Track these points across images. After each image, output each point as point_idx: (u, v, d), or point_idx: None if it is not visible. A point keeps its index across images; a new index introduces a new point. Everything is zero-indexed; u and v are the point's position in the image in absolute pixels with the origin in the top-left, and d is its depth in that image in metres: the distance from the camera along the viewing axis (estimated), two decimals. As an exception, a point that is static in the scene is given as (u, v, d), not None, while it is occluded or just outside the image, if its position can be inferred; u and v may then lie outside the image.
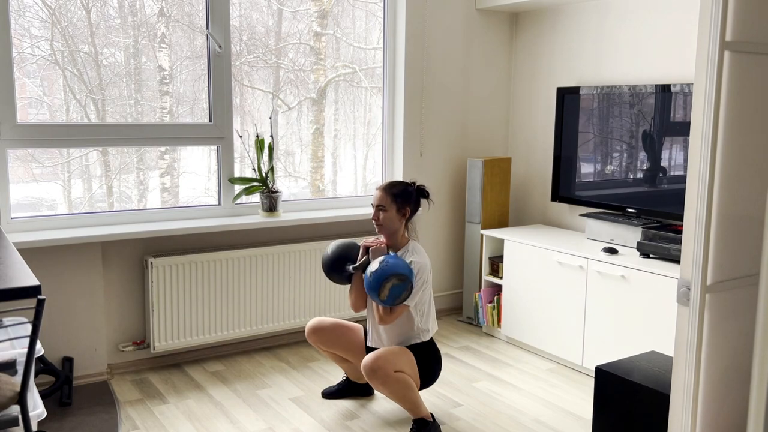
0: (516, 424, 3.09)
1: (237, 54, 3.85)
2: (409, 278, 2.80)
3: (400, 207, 2.99)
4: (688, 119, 3.49)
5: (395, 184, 3.03)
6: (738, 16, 1.93)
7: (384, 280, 2.76)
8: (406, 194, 3.01)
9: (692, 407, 2.01)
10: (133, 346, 3.61)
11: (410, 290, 2.82)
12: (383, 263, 2.80)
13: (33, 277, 2.06)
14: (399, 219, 2.99)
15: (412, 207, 3.03)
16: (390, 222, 2.98)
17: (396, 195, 2.99)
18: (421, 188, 3.07)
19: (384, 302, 2.81)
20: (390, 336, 3.00)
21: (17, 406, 2.14)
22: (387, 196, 2.98)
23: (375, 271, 2.79)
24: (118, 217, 3.55)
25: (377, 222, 3.00)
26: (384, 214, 2.98)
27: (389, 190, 3.00)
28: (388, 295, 2.79)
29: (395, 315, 2.89)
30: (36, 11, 3.30)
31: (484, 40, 4.51)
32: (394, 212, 2.98)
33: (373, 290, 2.79)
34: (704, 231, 1.93)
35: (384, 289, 2.77)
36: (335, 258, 3.10)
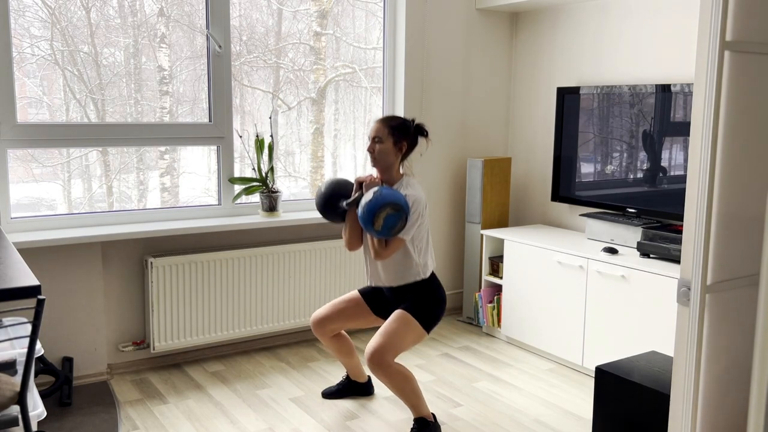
0: (516, 424, 3.09)
1: (237, 54, 3.85)
2: (403, 208, 2.73)
3: (397, 141, 2.90)
4: (688, 119, 3.49)
5: (394, 117, 2.94)
6: (738, 16, 1.93)
7: (378, 210, 2.69)
8: (404, 128, 2.92)
9: (692, 407, 2.01)
10: (133, 346, 3.61)
11: (405, 221, 2.75)
12: (377, 193, 2.72)
13: (33, 277, 2.06)
14: (395, 153, 2.91)
15: (409, 142, 2.93)
16: (385, 155, 2.90)
17: (394, 128, 2.90)
18: (419, 125, 2.97)
19: (379, 233, 2.74)
20: (389, 273, 2.95)
21: (17, 406, 2.14)
22: (384, 128, 2.89)
23: (369, 201, 2.71)
24: (118, 217, 3.55)
25: (372, 155, 2.91)
26: (380, 146, 2.89)
27: (387, 123, 2.91)
28: (383, 225, 2.71)
29: (391, 249, 2.83)
30: (36, 11, 3.30)
31: (484, 40, 4.51)
32: (390, 145, 2.89)
33: (368, 221, 2.71)
34: (704, 231, 1.93)
35: (378, 219, 2.70)
36: (329, 195, 3.00)
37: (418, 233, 2.91)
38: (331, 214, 3.04)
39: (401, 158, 2.96)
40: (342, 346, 3.21)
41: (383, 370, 2.79)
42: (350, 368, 3.30)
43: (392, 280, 2.97)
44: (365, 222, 2.73)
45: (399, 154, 2.93)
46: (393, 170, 2.95)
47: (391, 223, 2.72)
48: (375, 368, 2.79)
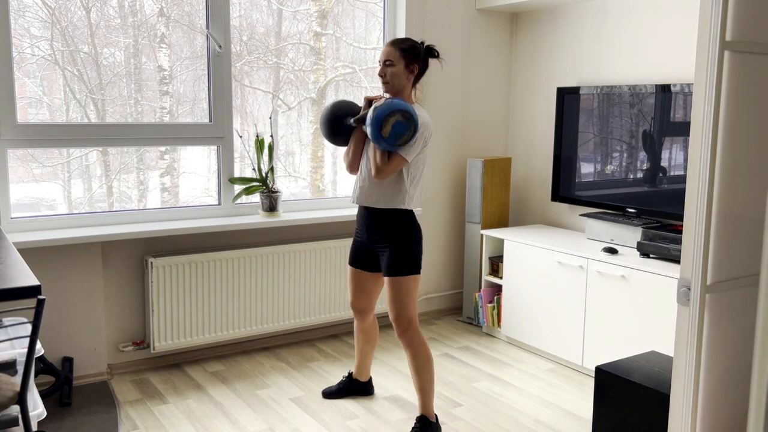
0: (516, 424, 3.09)
1: (237, 54, 3.85)
2: (413, 118, 2.70)
3: (409, 63, 2.86)
4: (688, 119, 3.49)
5: (405, 40, 2.90)
6: (738, 16, 1.93)
7: (388, 115, 2.66)
8: (415, 51, 2.88)
9: (692, 407, 2.01)
10: (133, 346, 3.61)
11: (413, 131, 2.72)
12: (388, 100, 2.70)
13: (33, 277, 2.06)
14: (407, 76, 2.87)
15: (420, 65, 2.90)
16: (397, 78, 2.86)
17: (405, 50, 2.85)
18: (430, 47, 2.93)
19: (386, 141, 2.70)
20: (377, 194, 2.90)
21: (17, 406, 2.14)
22: (395, 51, 2.85)
23: (380, 105, 2.68)
24: (118, 217, 3.55)
25: (384, 78, 2.89)
26: (392, 69, 2.85)
27: (398, 45, 2.86)
28: (391, 132, 2.68)
29: (392, 166, 2.80)
30: (36, 11, 3.30)
31: (484, 40, 4.51)
32: (402, 68, 2.85)
33: (376, 126, 2.67)
34: (704, 231, 1.93)
35: (387, 125, 2.67)
36: (336, 112, 2.97)
37: (416, 161, 2.88)
38: (337, 134, 2.98)
39: (413, 82, 2.94)
40: (369, 334, 3.27)
41: (410, 337, 2.89)
42: (361, 359, 3.31)
43: (379, 200, 2.91)
44: (374, 127, 2.69)
45: (410, 76, 2.90)
46: (404, 94, 2.92)
47: (400, 130, 2.69)
48: (403, 334, 2.89)
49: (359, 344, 3.28)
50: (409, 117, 2.69)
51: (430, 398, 2.94)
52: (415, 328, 2.91)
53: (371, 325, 3.25)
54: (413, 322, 2.91)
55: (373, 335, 3.27)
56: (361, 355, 3.30)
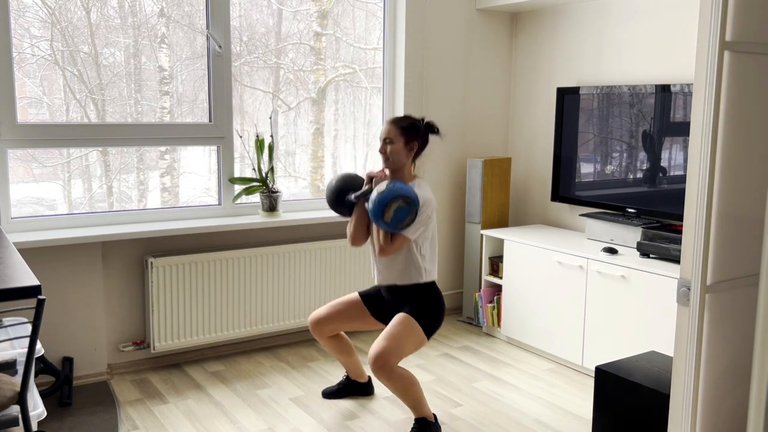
0: (516, 424, 3.09)
1: (237, 54, 3.85)
2: (415, 202, 2.74)
3: (408, 141, 2.93)
4: (688, 119, 3.49)
5: (404, 118, 2.98)
6: (738, 16, 1.93)
7: (390, 201, 2.71)
8: (415, 128, 2.95)
9: (692, 407, 2.01)
10: (133, 346, 3.61)
11: (414, 215, 2.77)
12: (390, 184, 2.75)
13: (33, 277, 2.06)
14: (406, 153, 2.94)
15: (420, 142, 2.96)
16: (397, 156, 2.92)
17: (404, 128, 2.93)
18: (430, 123, 3.00)
19: (388, 225, 2.75)
20: (392, 271, 2.96)
21: (17, 406, 2.14)
22: (395, 129, 2.92)
23: (382, 191, 2.73)
24: (118, 217, 3.55)
25: (384, 155, 2.94)
26: (391, 147, 2.92)
27: (398, 123, 2.94)
28: (392, 218, 2.72)
29: (395, 245, 2.85)
30: (36, 11, 3.30)
31: (484, 40, 4.51)
32: (401, 146, 2.92)
33: (378, 211, 2.72)
34: (704, 231, 1.93)
35: (389, 211, 2.71)
36: (339, 188, 3.03)
37: (424, 236, 2.93)
38: (340, 206, 3.06)
39: (413, 158, 2.99)
40: (341, 346, 3.21)
41: (386, 374, 2.79)
42: (350, 368, 3.30)
43: (395, 278, 2.98)
44: (376, 212, 2.74)
45: (410, 154, 2.96)
46: (405, 171, 2.97)
47: (401, 216, 2.74)
48: (378, 372, 2.79)
49: (336, 356, 3.25)
50: (411, 202, 2.75)
51: (422, 405, 2.90)
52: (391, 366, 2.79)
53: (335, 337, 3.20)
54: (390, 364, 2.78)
55: (344, 344, 3.23)
56: (345, 364, 3.30)
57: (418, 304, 2.95)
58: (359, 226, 3.01)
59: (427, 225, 2.91)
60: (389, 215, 2.73)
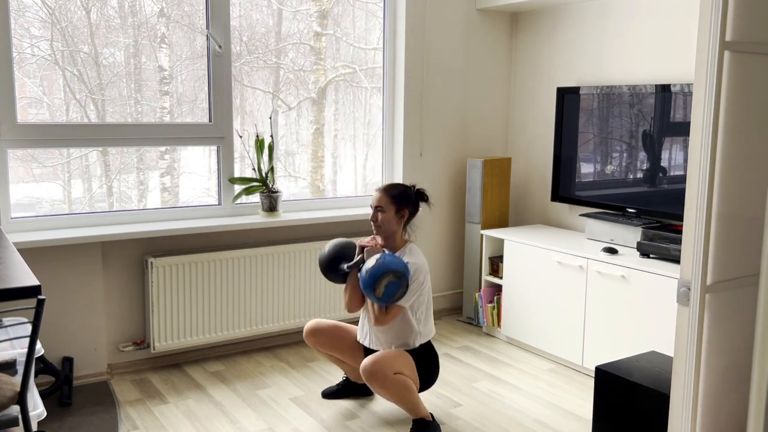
0: (516, 424, 3.09)
1: (237, 54, 3.85)
2: (405, 275, 2.79)
3: (399, 209, 2.99)
4: (688, 119, 3.49)
5: (395, 186, 3.04)
6: (738, 16, 1.93)
7: (380, 277, 2.75)
8: (405, 196, 3.01)
9: (692, 407, 2.01)
10: (133, 346, 3.61)
11: (406, 288, 2.81)
12: (380, 260, 2.79)
13: (33, 277, 2.06)
14: (397, 221, 3.00)
15: (410, 209, 3.03)
16: (388, 223, 2.98)
17: (395, 197, 2.99)
18: (420, 191, 3.07)
19: (380, 300, 2.79)
20: (387, 338, 3.00)
21: (17, 406, 2.14)
22: (386, 197, 2.99)
23: (371, 267, 2.77)
24: (118, 217, 3.55)
25: (375, 223, 3.00)
26: (382, 215, 2.98)
27: (388, 192, 3.00)
28: (384, 293, 2.77)
29: (390, 316, 2.89)
30: (36, 11, 3.30)
31: (484, 40, 4.51)
32: (392, 214, 2.98)
33: (369, 287, 2.77)
34: (704, 231, 1.93)
35: (380, 286, 2.75)
36: (332, 257, 3.09)
37: (418, 301, 2.96)
38: (333, 274, 3.10)
39: (404, 225, 3.04)
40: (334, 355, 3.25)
41: (380, 381, 2.80)
42: (348, 371, 3.31)
43: (390, 345, 3.00)
44: (367, 287, 2.79)
45: (401, 221, 3.01)
46: (396, 237, 3.02)
47: (393, 290, 2.78)
48: (371, 379, 2.80)
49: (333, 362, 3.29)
50: (401, 275, 2.78)
51: (419, 406, 2.91)
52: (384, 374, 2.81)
53: None
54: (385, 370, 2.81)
55: None
56: (344, 367, 3.31)
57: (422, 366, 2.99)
58: (354, 295, 3.05)
59: (420, 291, 2.95)
60: (380, 290, 2.77)
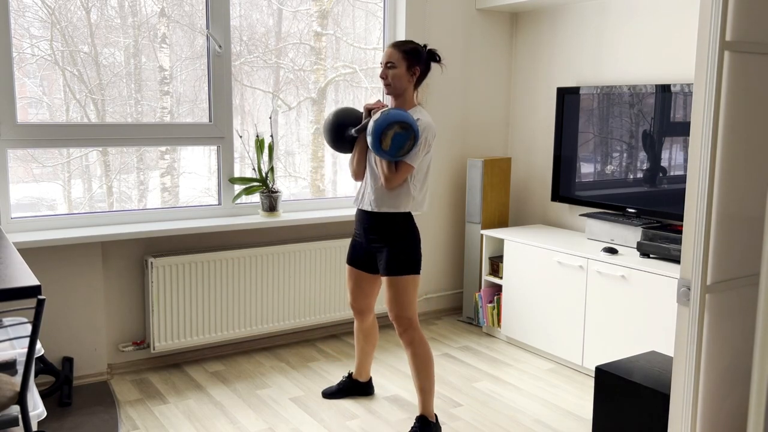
0: (516, 424, 3.09)
1: (237, 54, 3.85)
2: (412, 126, 2.69)
3: (410, 65, 2.86)
4: (688, 119, 3.49)
5: (407, 42, 2.91)
6: (738, 16, 1.93)
7: (386, 128, 2.66)
8: (417, 53, 2.88)
9: (692, 407, 2.01)
10: (133, 346, 3.61)
11: (414, 140, 2.71)
12: (384, 112, 2.70)
13: (33, 277, 2.06)
14: (408, 78, 2.88)
15: (422, 68, 2.90)
16: (399, 80, 2.86)
17: (407, 52, 2.86)
18: (432, 50, 2.93)
19: (388, 153, 2.70)
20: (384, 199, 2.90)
21: (17, 406, 2.14)
22: (397, 53, 2.85)
23: (376, 119, 2.69)
24: (118, 217, 3.55)
25: (385, 80, 2.88)
26: (393, 71, 2.86)
27: (400, 47, 2.87)
28: (391, 145, 2.67)
29: (401, 175, 2.80)
30: (36, 11, 3.30)
31: (484, 40, 4.51)
32: (403, 70, 2.85)
33: (376, 140, 2.68)
34: (704, 231, 1.93)
35: (386, 138, 2.66)
36: (337, 123, 2.98)
37: (419, 166, 2.87)
38: (340, 143, 3.00)
39: (415, 84, 2.93)
40: (369, 335, 3.27)
41: (409, 336, 2.89)
42: (361, 359, 3.31)
43: (383, 206, 2.90)
44: (374, 141, 2.69)
45: (412, 79, 2.90)
46: (407, 96, 2.92)
47: (400, 142, 2.68)
48: (403, 331, 2.90)
49: (359, 344, 3.28)
50: (408, 127, 2.69)
51: (430, 398, 2.94)
52: (416, 327, 2.92)
53: (371, 325, 3.25)
54: (413, 322, 2.91)
55: (373, 335, 3.27)
56: (361, 355, 3.30)
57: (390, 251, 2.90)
58: (362, 160, 2.98)
59: (427, 152, 2.86)
60: (387, 143, 2.67)
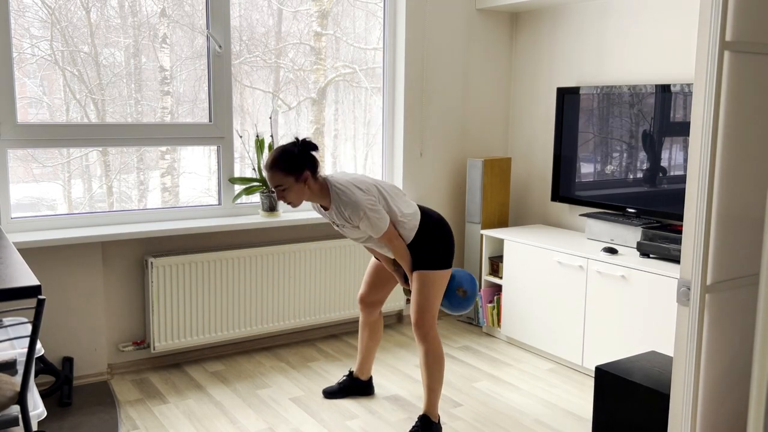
0: (516, 424, 3.09)
1: (237, 54, 3.85)
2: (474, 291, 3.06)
3: (298, 176, 2.72)
4: (688, 119, 3.49)
5: (278, 157, 2.73)
6: (738, 16, 1.93)
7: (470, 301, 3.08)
8: (294, 161, 2.72)
9: (692, 407, 2.01)
10: (133, 346, 3.61)
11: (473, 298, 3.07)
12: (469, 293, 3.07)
13: (33, 277, 2.06)
14: (305, 185, 2.75)
15: (309, 167, 2.75)
16: (299, 195, 2.75)
17: (286, 169, 2.71)
18: (306, 142, 2.77)
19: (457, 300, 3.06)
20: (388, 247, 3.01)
21: (17, 406, 2.14)
22: (279, 174, 2.71)
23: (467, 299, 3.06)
24: (118, 217, 3.55)
25: (287, 203, 2.77)
26: (288, 192, 2.74)
27: (277, 167, 2.71)
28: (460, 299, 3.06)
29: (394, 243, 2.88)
30: (36, 11, 3.30)
31: (484, 40, 4.51)
32: (294, 183, 2.72)
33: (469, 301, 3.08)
34: (704, 231, 1.93)
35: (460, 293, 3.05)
36: None
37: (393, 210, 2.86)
38: None
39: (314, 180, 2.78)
40: (374, 330, 3.28)
41: (425, 330, 2.91)
42: (364, 356, 3.31)
43: None
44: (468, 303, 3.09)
45: (307, 182, 2.76)
46: (316, 195, 2.81)
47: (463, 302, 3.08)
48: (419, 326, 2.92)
49: (363, 340, 3.29)
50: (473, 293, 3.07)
51: (436, 398, 2.94)
52: (433, 325, 2.94)
53: (376, 321, 3.27)
54: (433, 319, 2.94)
55: (378, 331, 3.29)
56: (364, 352, 3.30)
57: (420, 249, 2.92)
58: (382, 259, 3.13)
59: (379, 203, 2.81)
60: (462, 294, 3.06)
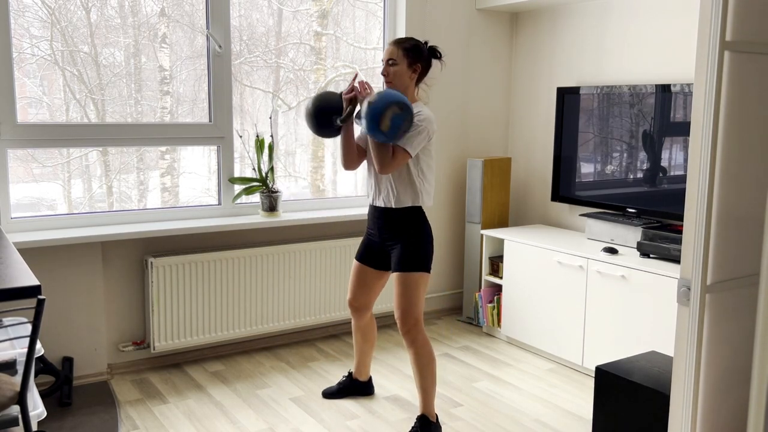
0: (516, 424, 3.09)
1: (237, 54, 3.85)
2: (408, 107, 2.67)
3: (411, 62, 2.87)
4: (688, 119, 3.49)
5: (408, 39, 2.91)
6: (738, 16, 1.93)
7: (385, 109, 2.62)
8: (418, 50, 2.89)
9: (692, 407, 2.01)
10: (133, 346, 3.61)
11: (411, 120, 2.70)
12: (380, 94, 2.67)
13: (33, 277, 2.06)
14: (409, 75, 2.89)
15: (423, 64, 2.91)
16: (400, 78, 2.87)
17: (408, 49, 2.87)
18: (433, 47, 2.95)
19: (386, 135, 2.67)
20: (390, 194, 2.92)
21: (17, 406, 2.14)
22: (398, 50, 2.86)
23: (373, 101, 2.64)
24: (118, 217, 3.55)
25: (387, 78, 2.88)
26: (395, 68, 2.86)
27: (401, 44, 2.87)
28: (390, 126, 2.63)
29: (397, 161, 2.79)
30: (36, 11, 3.30)
31: (484, 40, 4.51)
32: (404, 67, 2.86)
33: (374, 123, 2.63)
34: (704, 231, 1.93)
35: (385, 119, 2.63)
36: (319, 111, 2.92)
37: (423, 159, 2.88)
38: (324, 129, 2.94)
39: (416, 81, 2.93)
40: (367, 333, 3.27)
41: (413, 333, 2.89)
42: (360, 358, 3.31)
43: (390, 200, 2.92)
44: (372, 125, 2.64)
45: (413, 75, 2.90)
46: (408, 94, 2.91)
47: (398, 122, 2.64)
48: (407, 330, 2.89)
49: (357, 343, 3.28)
50: (405, 107, 2.66)
51: (431, 398, 2.94)
52: (420, 328, 2.91)
53: (368, 324, 3.25)
54: (418, 322, 2.91)
55: (371, 334, 3.28)
56: (359, 354, 3.30)
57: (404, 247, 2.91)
58: (350, 149, 2.97)
59: (429, 140, 2.86)
60: (386, 124, 2.63)
